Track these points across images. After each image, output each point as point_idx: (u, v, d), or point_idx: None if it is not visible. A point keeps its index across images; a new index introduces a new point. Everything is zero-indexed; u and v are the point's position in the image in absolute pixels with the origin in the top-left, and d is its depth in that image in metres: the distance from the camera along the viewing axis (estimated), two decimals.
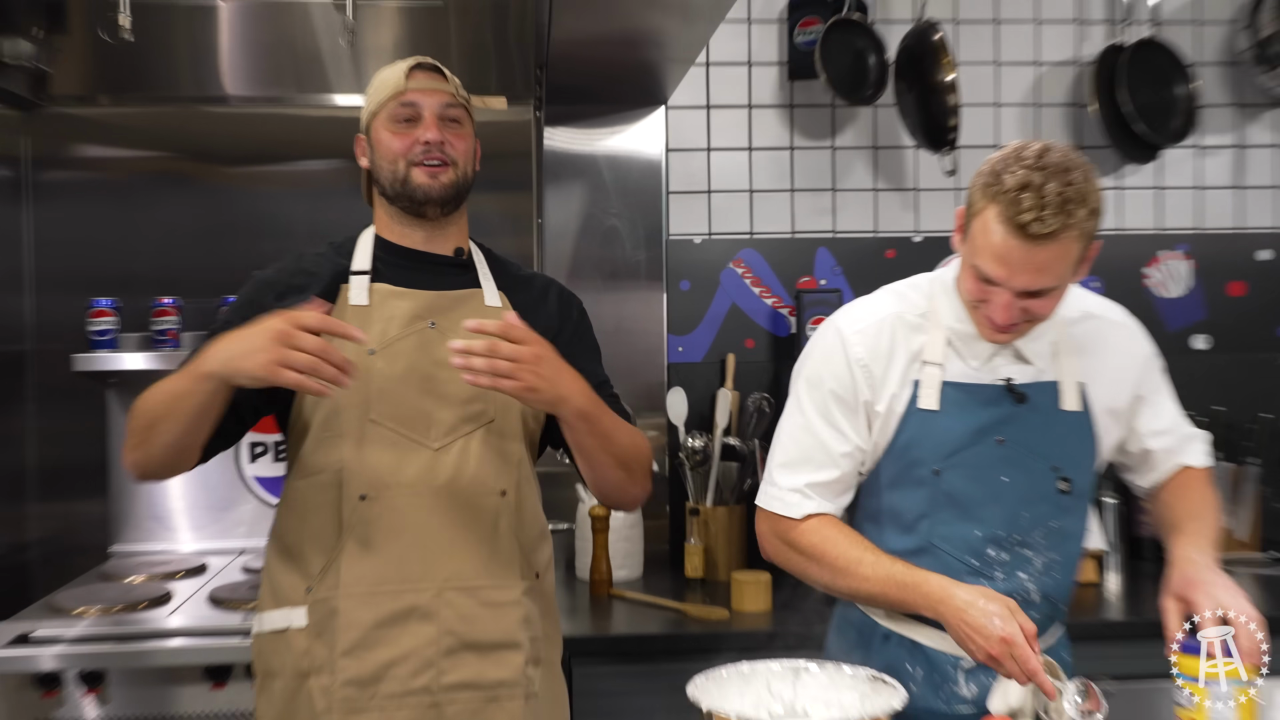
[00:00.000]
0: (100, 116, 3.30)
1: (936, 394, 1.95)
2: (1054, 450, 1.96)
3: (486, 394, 2.08)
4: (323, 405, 2.06)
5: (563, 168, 3.29)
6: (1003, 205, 1.76)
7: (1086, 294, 2.08)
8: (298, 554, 2.08)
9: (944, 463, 1.95)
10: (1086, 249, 1.81)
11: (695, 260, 3.34)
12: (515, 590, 2.09)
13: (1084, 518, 2.03)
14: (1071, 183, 1.75)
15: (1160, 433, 2.09)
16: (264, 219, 3.30)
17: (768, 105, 3.37)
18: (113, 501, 3.22)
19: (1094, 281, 3.38)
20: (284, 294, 2.09)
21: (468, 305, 2.15)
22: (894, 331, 1.99)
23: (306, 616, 2.04)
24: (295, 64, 3.25)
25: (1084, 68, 3.42)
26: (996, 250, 1.78)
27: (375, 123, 2.16)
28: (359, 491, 2.04)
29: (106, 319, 3.08)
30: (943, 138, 3.26)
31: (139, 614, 2.66)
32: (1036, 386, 1.97)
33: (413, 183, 2.11)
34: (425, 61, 2.16)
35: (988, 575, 1.94)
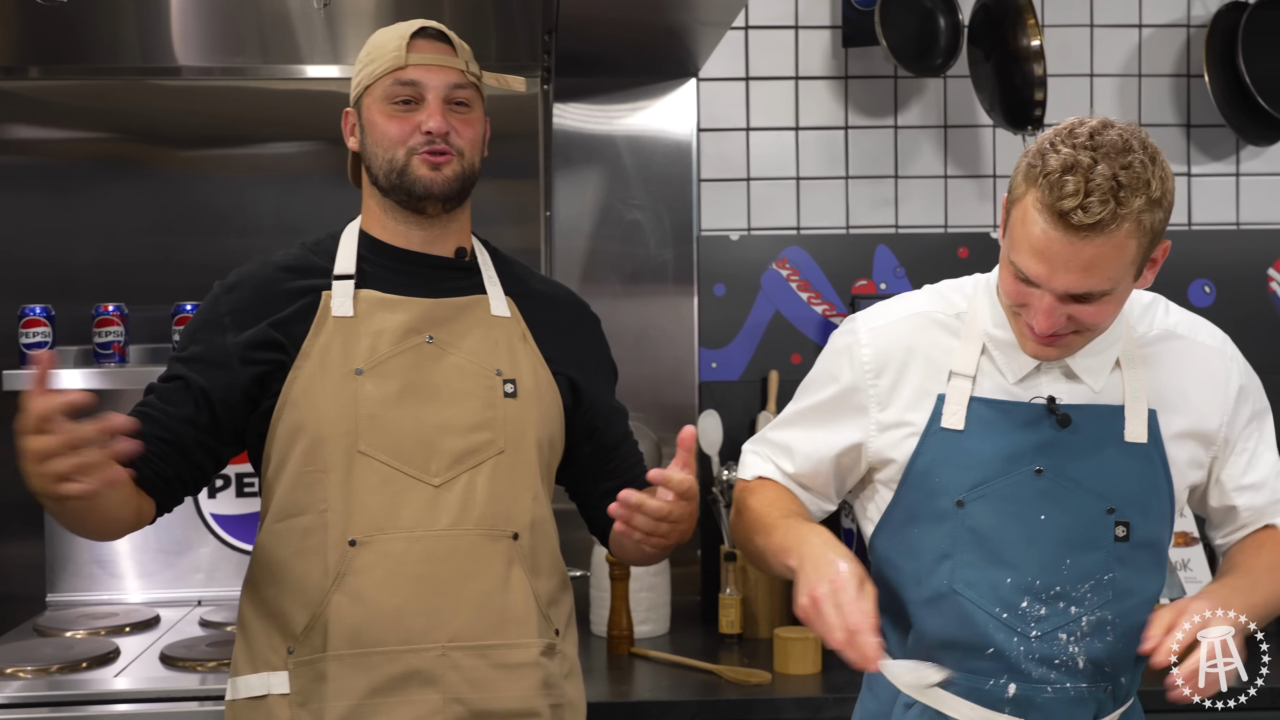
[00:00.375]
0: (30, 91, 3.42)
1: (963, 411, 1.98)
2: (1110, 488, 1.97)
3: (495, 419, 2.16)
4: (301, 435, 2.13)
5: (575, 151, 3.39)
6: (1044, 190, 1.78)
7: (1174, 310, 2.10)
8: (276, 609, 2.14)
9: (969, 493, 1.97)
10: (1150, 249, 1.83)
11: (732, 260, 3.43)
12: (532, 650, 2.16)
13: (1153, 574, 2.02)
14: (1129, 165, 1.76)
15: (1250, 488, 2.08)
16: (224, 211, 3.40)
17: (818, 76, 3.47)
18: (50, 544, 3.32)
19: (1204, 285, 3.48)
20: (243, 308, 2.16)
21: (470, 315, 2.22)
22: (918, 332, 2.04)
23: (289, 682, 2.12)
24: (260, 30, 3.33)
25: (1196, 31, 3.50)
26: (1036, 244, 1.80)
27: (368, 99, 2.21)
28: (347, 536, 2.10)
29: (40, 329, 3.19)
30: (1026, 114, 3.33)
31: (80, 675, 2.76)
32: (1089, 410, 1.98)
33: (411, 174, 2.17)
34: (430, 27, 2.21)
35: (1021, 631, 1.95)
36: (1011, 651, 1.95)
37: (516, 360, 2.23)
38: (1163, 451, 2.01)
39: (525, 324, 2.27)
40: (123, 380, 3.21)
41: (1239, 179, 3.56)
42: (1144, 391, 2.00)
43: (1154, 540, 2.02)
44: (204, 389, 2.14)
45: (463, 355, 2.19)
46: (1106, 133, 1.80)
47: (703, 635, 3.18)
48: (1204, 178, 3.55)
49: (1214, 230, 3.54)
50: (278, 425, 2.16)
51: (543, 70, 3.41)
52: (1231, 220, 3.55)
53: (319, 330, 2.16)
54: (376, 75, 2.19)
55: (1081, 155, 1.77)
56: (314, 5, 2.90)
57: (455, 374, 2.19)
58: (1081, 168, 1.76)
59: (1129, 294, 1.90)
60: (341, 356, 2.15)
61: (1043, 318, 1.86)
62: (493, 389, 2.19)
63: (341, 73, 3.44)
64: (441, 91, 2.18)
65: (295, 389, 2.15)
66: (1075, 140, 1.79)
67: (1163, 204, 1.81)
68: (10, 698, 2.65)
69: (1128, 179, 1.76)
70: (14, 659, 2.82)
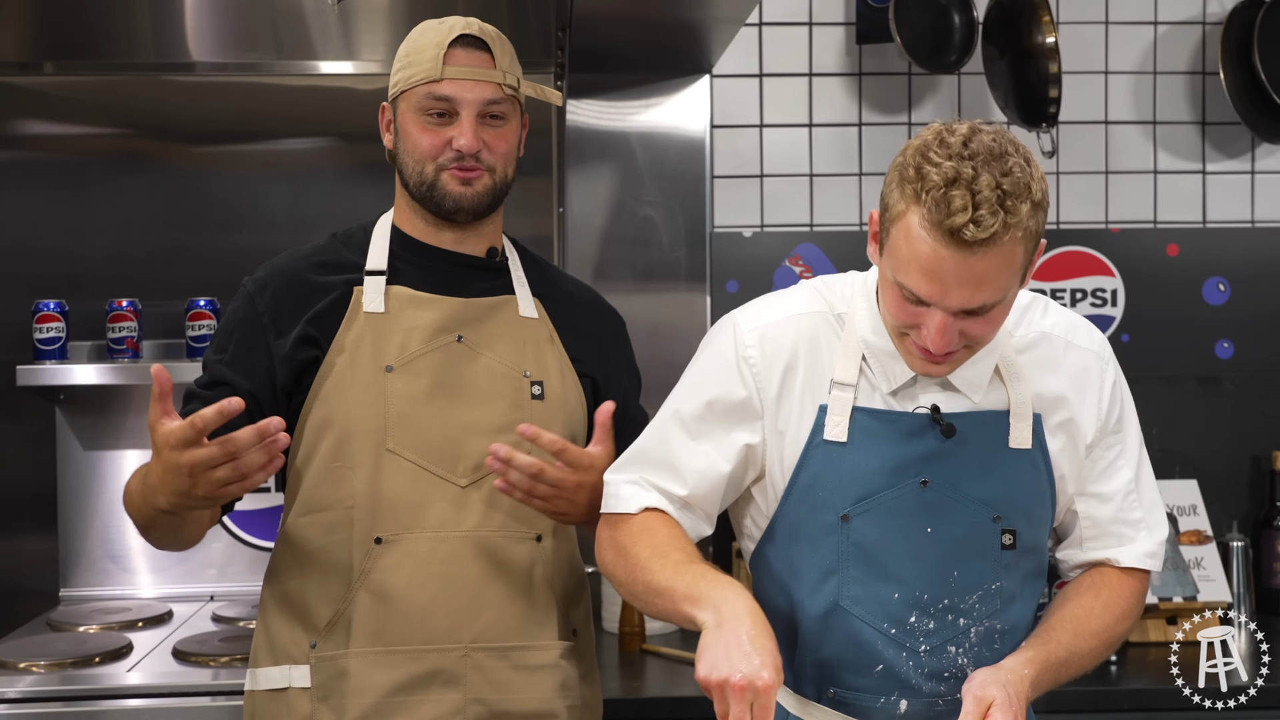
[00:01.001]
0: (45, 87, 3.45)
1: (845, 423, 1.92)
2: (996, 496, 1.93)
3: (522, 421, 2.15)
4: (329, 430, 2.15)
5: (588, 147, 3.41)
6: (928, 208, 1.70)
7: (1053, 310, 2.04)
8: (300, 603, 2.17)
9: (854, 508, 1.91)
10: (1034, 251, 1.78)
11: (745, 257, 3.45)
12: (552, 652, 2.19)
13: (1035, 578, 2.00)
14: (1009, 171, 1.70)
15: (1095, 496, 2.02)
16: (237, 207, 3.43)
17: (832, 73, 3.48)
18: (63, 538, 3.36)
19: (1219, 283, 3.49)
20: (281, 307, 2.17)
21: (499, 315, 2.24)
22: (802, 336, 1.96)
23: (310, 677, 2.14)
24: (274, 26, 3.35)
25: (1211, 28, 3.51)
26: (925, 263, 1.73)
27: (403, 103, 2.21)
28: (374, 533, 2.12)
29: (54, 325, 3.20)
30: (1041, 112, 3.35)
31: (93, 669, 2.78)
32: (972, 417, 1.93)
33: (441, 189, 2.18)
34: (470, 34, 2.18)
35: (910, 647, 1.92)
36: (901, 668, 1.92)
37: (544, 362, 2.25)
38: (1047, 456, 1.97)
39: (553, 325, 2.29)
40: (136, 375, 3.22)
41: (1254, 176, 3.56)
42: (1027, 396, 1.95)
43: (1037, 545, 1.99)
44: (251, 392, 2.15)
45: (492, 356, 2.21)
46: (978, 138, 1.73)
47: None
48: (1219, 175, 3.55)
49: (1229, 228, 3.54)
50: (307, 419, 2.18)
51: (556, 66, 3.42)
52: (1246, 218, 3.55)
53: (350, 325, 2.18)
54: (412, 83, 2.18)
55: (962, 167, 1.69)
56: (328, 2, 2.90)
57: (484, 375, 2.21)
58: (964, 180, 1.69)
59: (1015, 299, 1.85)
60: (372, 353, 2.17)
61: (938, 337, 1.79)
62: (520, 390, 2.21)
63: (355, 69, 3.46)
64: (476, 107, 2.17)
65: (326, 384, 2.17)
66: (950, 150, 1.72)
67: (1043, 205, 1.76)
68: (24, 692, 2.67)
69: (1011, 186, 1.70)
70: (27, 653, 2.84)
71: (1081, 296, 3.48)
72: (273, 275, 2.24)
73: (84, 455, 3.36)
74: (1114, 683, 2.80)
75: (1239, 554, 3.23)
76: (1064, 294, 3.47)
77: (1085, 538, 2.04)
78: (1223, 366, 3.50)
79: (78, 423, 3.35)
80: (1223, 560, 3.19)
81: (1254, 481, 3.46)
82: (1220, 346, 3.50)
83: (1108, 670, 2.86)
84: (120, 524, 3.35)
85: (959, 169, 1.69)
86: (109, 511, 3.35)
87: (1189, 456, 3.44)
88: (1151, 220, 3.54)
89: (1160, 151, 3.54)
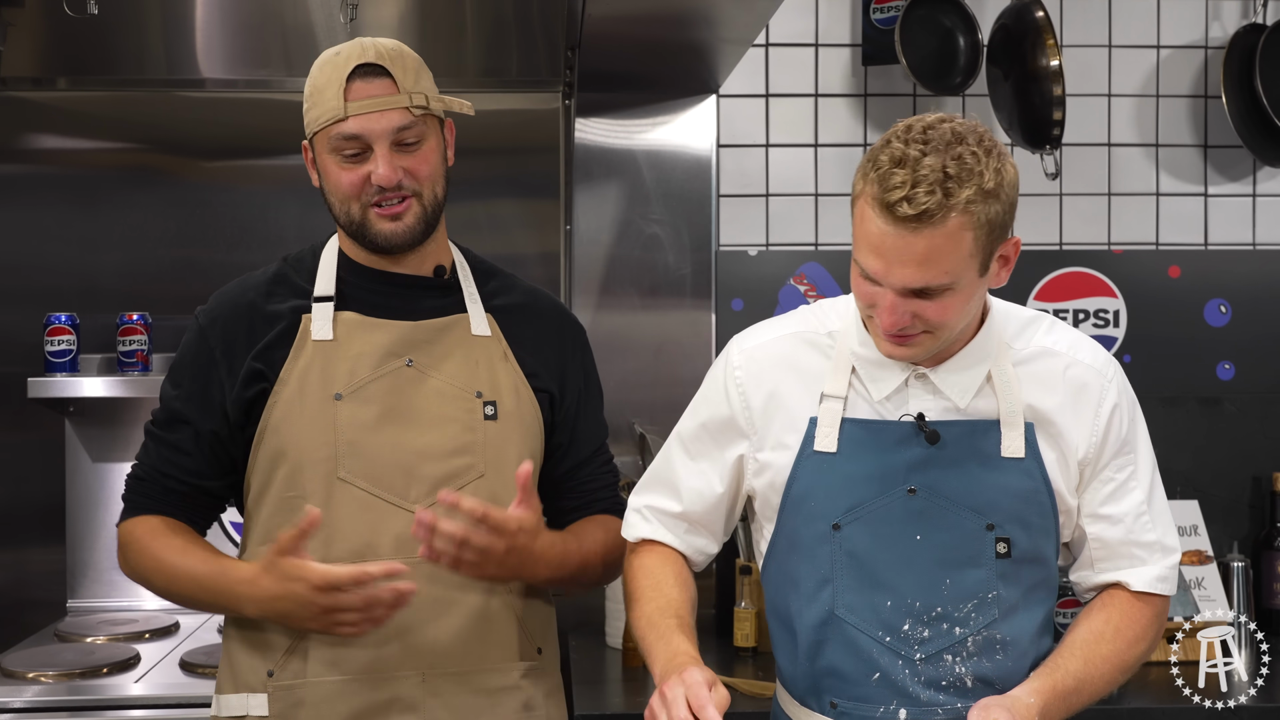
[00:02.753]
0: (58, 101, 3.48)
1: (835, 433, 1.96)
2: (987, 504, 1.93)
3: (476, 443, 2.17)
4: (282, 461, 2.14)
5: (596, 165, 3.43)
6: (874, 185, 1.77)
7: (1058, 329, 2.05)
8: (257, 632, 2.16)
9: (844, 517, 1.94)
10: (991, 242, 1.80)
11: (750, 275, 3.46)
12: (513, 674, 2.19)
13: (1041, 588, 2.00)
14: (959, 157, 1.75)
15: (1105, 519, 2.01)
16: (247, 222, 3.45)
17: (837, 94, 3.50)
18: (71, 550, 3.38)
19: (1221, 304, 3.49)
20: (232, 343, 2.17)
21: (449, 336, 2.21)
22: (789, 354, 2.02)
23: (268, 705, 2.14)
24: (284, 43, 3.39)
25: (1214, 52, 3.52)
26: (872, 239, 1.79)
27: (318, 143, 2.16)
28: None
29: (65, 337, 3.24)
30: (1044, 134, 3.36)
31: (101, 680, 2.80)
32: (960, 425, 1.95)
33: (371, 229, 2.15)
34: (367, 63, 2.11)
35: (905, 655, 1.93)
36: (897, 675, 1.93)
37: (497, 380, 2.23)
38: (1042, 466, 1.96)
39: (506, 342, 2.26)
40: (145, 388, 3.25)
41: (1255, 199, 3.58)
42: (1019, 406, 1.96)
43: (1038, 556, 1.98)
44: (213, 431, 2.18)
45: (442, 378, 2.20)
46: (940, 127, 1.79)
47: (717, 648, 3.19)
48: (1221, 198, 3.57)
49: (1230, 250, 3.55)
50: (259, 451, 2.18)
51: (564, 85, 3.46)
52: (1248, 240, 3.56)
53: (298, 354, 2.17)
54: (320, 123, 2.13)
55: (911, 149, 1.76)
56: (339, 20, 2.92)
57: (435, 398, 2.19)
58: (910, 160, 1.75)
59: (975, 291, 1.86)
60: (321, 381, 2.16)
61: (888, 315, 1.83)
62: (473, 412, 2.20)
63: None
64: (387, 137, 2.11)
65: (275, 414, 2.16)
66: (909, 136, 1.78)
67: (999, 196, 1.78)
68: (31, 702, 2.69)
69: (956, 170, 1.74)
70: (36, 664, 2.87)
71: (1084, 317, 3.49)
72: (222, 307, 2.23)
73: (93, 467, 3.38)
74: (1115, 702, 2.78)
75: (1239, 574, 3.22)
76: (1067, 314, 3.48)
77: (1095, 559, 2.03)
78: (1224, 388, 3.50)
79: (87, 435, 3.38)
80: (1223, 580, 3.18)
81: (1254, 502, 3.46)
82: (1221, 368, 3.51)
83: None
84: None
85: (907, 151, 1.76)
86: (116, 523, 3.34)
87: (1190, 477, 3.43)
88: (1154, 242, 3.55)
89: (1162, 174, 3.55)
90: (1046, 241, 3.50)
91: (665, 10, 2.77)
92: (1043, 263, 3.48)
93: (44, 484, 3.38)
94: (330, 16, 3.20)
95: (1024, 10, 3.38)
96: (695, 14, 2.82)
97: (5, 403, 3.34)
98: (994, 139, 1.82)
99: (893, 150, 1.77)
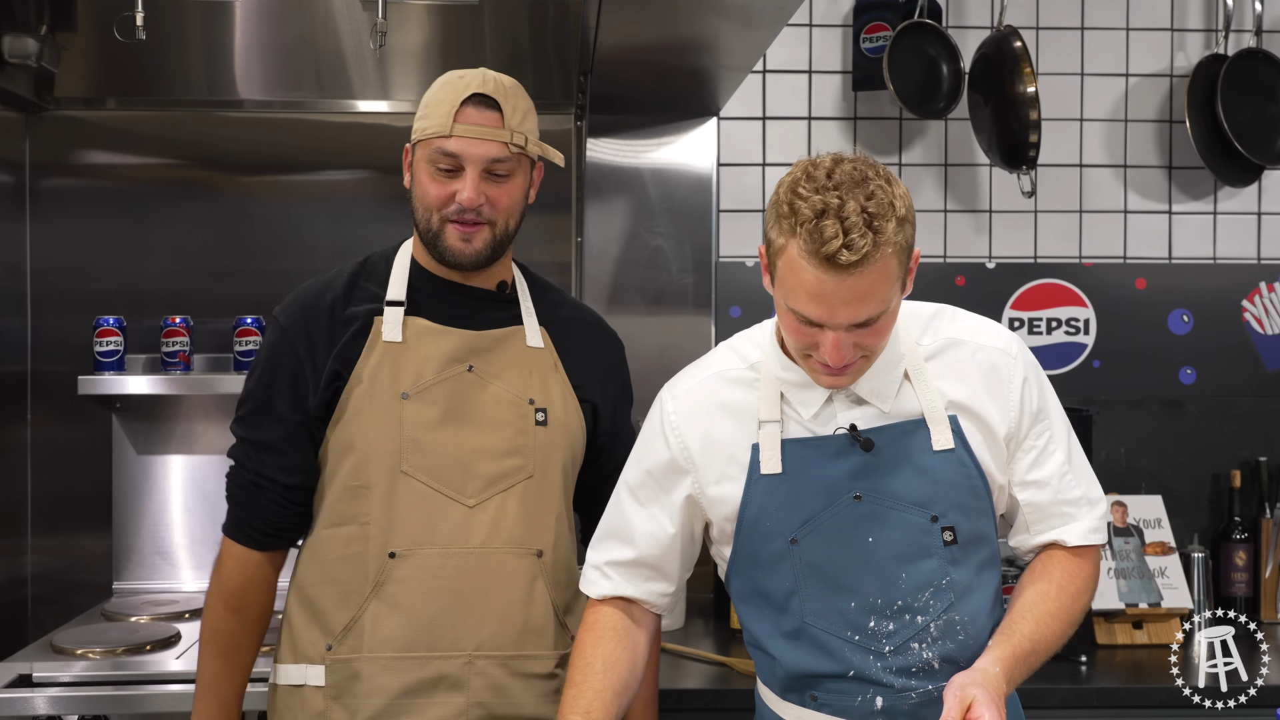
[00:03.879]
0: (107, 120, 3.54)
1: (778, 455, 1.98)
2: (929, 497, 1.96)
3: (527, 446, 2.24)
4: (350, 452, 2.22)
5: (605, 182, 3.48)
6: (804, 239, 1.77)
7: (961, 317, 2.07)
8: (319, 608, 2.24)
9: (799, 530, 1.97)
10: (906, 261, 1.84)
11: (748, 285, 3.52)
12: (549, 661, 2.26)
13: (988, 565, 2.02)
14: (872, 195, 1.77)
15: (1033, 484, 2.04)
16: (282, 234, 3.51)
17: (829, 117, 3.57)
18: (117, 535, 3.44)
19: (1183, 314, 3.56)
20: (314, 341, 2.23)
21: (508, 346, 2.28)
22: (715, 392, 2.04)
23: (325, 676, 2.21)
24: (316, 67, 3.44)
25: (1178, 80, 3.58)
26: (810, 289, 1.79)
27: (419, 150, 2.22)
28: (388, 548, 2.19)
29: (113, 339, 3.29)
30: (1021, 155, 3.41)
31: (144, 656, 2.86)
32: (891, 429, 1.97)
33: (444, 241, 2.20)
34: (482, 93, 2.18)
35: (875, 649, 1.96)
36: (870, 670, 1.96)
37: (548, 390, 2.30)
38: (971, 453, 1.99)
39: (557, 354, 2.34)
40: (187, 386, 3.32)
41: (1216, 217, 3.63)
42: (938, 400, 1.99)
43: (981, 536, 2.01)
44: (301, 423, 2.24)
45: (500, 385, 2.26)
46: (841, 169, 1.81)
47: (715, 630, 3.24)
48: (1184, 215, 3.63)
49: (1193, 264, 3.62)
50: (330, 440, 2.25)
51: (576, 108, 3.51)
52: (1209, 255, 3.62)
53: (370, 353, 2.23)
54: (425, 134, 2.20)
55: (829, 197, 1.77)
56: (370, 47, 2.96)
57: (492, 402, 2.26)
58: (832, 210, 1.76)
59: (898, 307, 1.90)
60: (390, 380, 2.22)
61: (834, 352, 1.85)
62: (525, 417, 2.27)
63: (390, 108, 3.55)
64: (480, 164, 2.17)
65: (348, 410, 2.23)
66: (816, 184, 1.79)
67: (909, 219, 1.83)
68: (79, 676, 2.76)
69: (876, 208, 1.77)
70: (84, 641, 2.91)
71: (1056, 326, 3.55)
72: (304, 310, 2.27)
73: (137, 459, 3.44)
74: (1084, 682, 2.85)
75: (1199, 564, 3.28)
76: (1040, 323, 3.54)
77: (1030, 523, 2.06)
78: (1186, 391, 3.56)
79: (132, 429, 3.43)
80: (1185, 570, 3.23)
81: (1214, 497, 3.53)
82: (1184, 373, 3.57)
83: (1078, 670, 2.92)
84: (169, 523, 3.45)
85: (826, 200, 1.76)
86: (159, 511, 3.45)
87: (1154, 474, 3.52)
88: (1121, 256, 3.60)
89: (1130, 193, 3.61)
90: (1022, 255, 3.58)
91: (671, 40, 2.83)
92: (1018, 275, 3.55)
93: (92, 475, 3.43)
94: (360, 43, 3.23)
95: (1003, 40, 3.43)
96: (699, 43, 2.87)
97: (57, 399, 3.39)
98: (884, 166, 1.85)
99: (812, 202, 1.77)
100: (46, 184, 3.48)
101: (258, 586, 2.30)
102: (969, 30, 3.52)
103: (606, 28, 2.71)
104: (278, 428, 2.25)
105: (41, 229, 3.46)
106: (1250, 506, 3.44)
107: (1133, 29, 3.60)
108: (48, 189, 3.48)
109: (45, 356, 3.44)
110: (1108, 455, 3.47)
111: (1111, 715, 2.80)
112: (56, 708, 2.69)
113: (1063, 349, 3.54)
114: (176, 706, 2.68)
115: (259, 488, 2.26)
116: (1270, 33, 3.55)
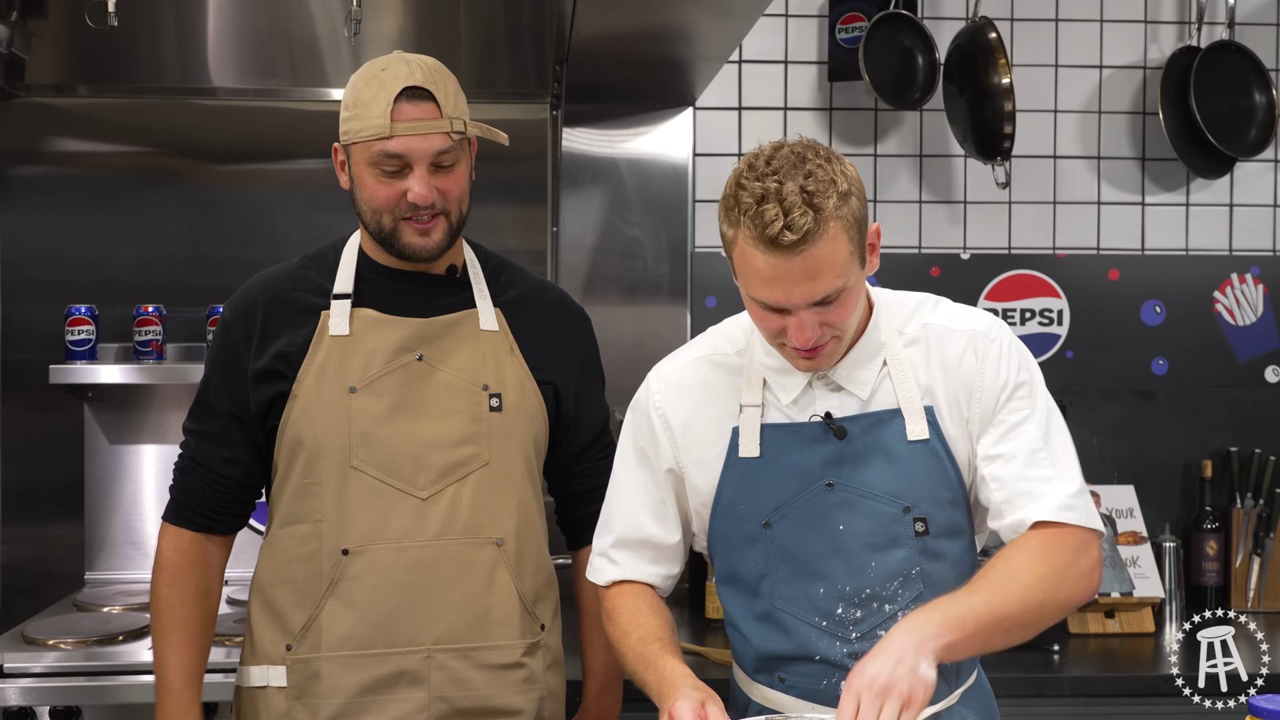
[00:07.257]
0: (79, 107, 3.49)
1: (756, 439, 1.98)
2: (901, 488, 1.94)
3: (481, 433, 2.19)
4: (301, 449, 2.17)
5: (581, 171, 3.46)
6: (749, 227, 1.77)
7: (943, 306, 2.05)
8: (278, 608, 2.20)
9: (773, 515, 1.97)
10: (861, 235, 1.83)
11: (723, 275, 3.37)
12: (515, 650, 2.22)
13: (962, 557, 2.00)
14: (810, 174, 1.77)
15: (999, 457, 1.95)
16: (255, 222, 3.47)
17: (805, 108, 3.55)
18: (89, 525, 3.39)
19: (1156, 305, 3.56)
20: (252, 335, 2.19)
21: (459, 331, 2.23)
22: (701, 375, 2.05)
23: (286, 677, 2.18)
24: (291, 54, 3.41)
25: (1152, 72, 3.58)
26: (763, 275, 1.79)
27: (355, 153, 2.14)
28: (340, 545, 2.15)
29: (84, 327, 3.24)
30: (996, 146, 3.42)
31: (116, 647, 2.81)
32: (865, 418, 1.96)
33: (401, 240, 2.15)
34: (415, 86, 2.10)
35: (842, 636, 1.95)
36: (835, 656, 1.95)
37: (503, 373, 2.25)
38: (946, 444, 1.96)
39: (512, 336, 2.28)
40: (160, 375, 3.29)
41: (1189, 209, 3.63)
42: (915, 390, 1.97)
43: (955, 527, 1.98)
44: (238, 417, 2.22)
45: (451, 372, 2.21)
46: (780, 154, 1.81)
47: (690, 620, 3.23)
48: (1156, 207, 3.63)
49: (1165, 255, 3.61)
50: (282, 438, 2.21)
51: (552, 97, 3.48)
52: (1181, 246, 3.62)
53: (317, 349, 2.19)
54: (363, 137, 2.11)
55: (768, 182, 1.77)
56: (344, 34, 2.93)
57: (443, 390, 2.21)
58: (772, 193, 1.76)
59: (861, 283, 1.88)
60: (337, 375, 2.18)
61: (799, 334, 1.84)
62: (479, 404, 2.22)
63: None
64: (427, 159, 2.11)
65: (296, 406, 2.19)
66: (757, 172, 1.79)
67: (853, 193, 1.81)
68: (50, 667, 2.72)
69: (814, 185, 1.77)
70: (55, 631, 2.88)
71: (1030, 316, 3.54)
72: (246, 304, 2.24)
73: (109, 449, 3.40)
74: (1056, 670, 2.85)
75: (1171, 554, 3.29)
76: (1014, 313, 3.53)
77: (998, 502, 1.94)
78: (1158, 382, 3.56)
79: (104, 419, 3.39)
80: (1156, 559, 3.25)
81: (1185, 487, 3.52)
82: (1156, 364, 3.56)
83: (1050, 658, 2.91)
84: (141, 513, 3.40)
85: (765, 186, 1.77)
86: (131, 501, 3.41)
87: (1126, 464, 3.50)
88: (1095, 247, 3.60)
89: (1104, 184, 3.60)
90: (996, 245, 3.56)
91: (647, 30, 2.81)
92: (993, 265, 3.54)
93: (64, 464, 3.38)
94: (335, 31, 3.21)
95: (978, 32, 3.44)
96: (675, 33, 2.86)
97: (29, 388, 3.35)
98: (828, 148, 1.84)
99: (752, 190, 1.77)
100: (17, 172, 3.44)
101: (194, 563, 2.25)
102: (944, 21, 3.52)
103: (583, 16, 2.70)
104: (215, 420, 2.23)
105: (12, 217, 3.42)
106: (1221, 496, 3.44)
107: (1107, 21, 3.61)
108: (18, 177, 3.44)
109: (16, 345, 3.40)
110: (1080, 445, 3.30)
111: (1084, 703, 2.80)
112: (28, 699, 2.65)
113: (1036, 339, 3.52)
114: (149, 697, 2.58)
115: (194, 472, 2.24)
116: (1243, 25, 3.56)
